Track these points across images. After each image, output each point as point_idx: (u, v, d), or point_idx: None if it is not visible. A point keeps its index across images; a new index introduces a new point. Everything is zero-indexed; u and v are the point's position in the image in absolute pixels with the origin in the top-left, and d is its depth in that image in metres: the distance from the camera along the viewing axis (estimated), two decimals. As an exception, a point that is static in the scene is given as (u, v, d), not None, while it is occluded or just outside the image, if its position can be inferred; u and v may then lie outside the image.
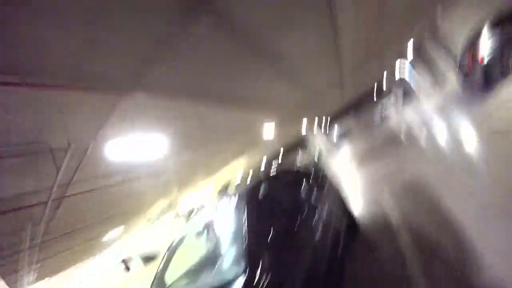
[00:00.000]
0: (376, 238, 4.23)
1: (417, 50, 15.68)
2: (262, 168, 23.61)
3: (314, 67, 8.61)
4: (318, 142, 21.69)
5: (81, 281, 27.42)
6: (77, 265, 19.70)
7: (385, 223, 4.41)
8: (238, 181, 24.11)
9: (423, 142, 7.96)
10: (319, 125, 22.60)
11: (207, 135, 8.11)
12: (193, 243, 3.82)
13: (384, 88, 25.59)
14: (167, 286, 3.04)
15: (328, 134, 28.55)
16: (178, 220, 18.67)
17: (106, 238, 13.50)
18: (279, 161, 24.83)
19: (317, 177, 4.62)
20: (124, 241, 21.41)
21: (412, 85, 20.48)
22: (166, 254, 3.44)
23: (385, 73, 19.68)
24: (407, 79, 20.64)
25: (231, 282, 2.08)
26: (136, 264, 24.93)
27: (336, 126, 31.97)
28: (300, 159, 23.72)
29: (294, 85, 9.05)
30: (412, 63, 18.94)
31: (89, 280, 28.10)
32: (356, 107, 30.12)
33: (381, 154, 10.08)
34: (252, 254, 2.21)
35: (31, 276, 10.02)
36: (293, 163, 21.52)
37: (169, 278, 3.16)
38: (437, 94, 15.99)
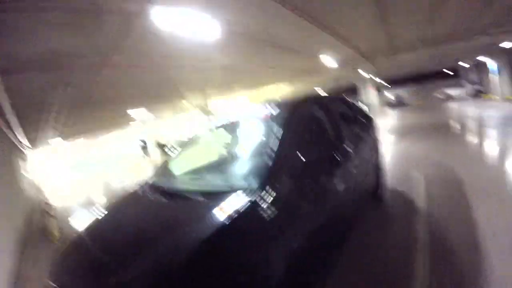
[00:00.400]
0: (396, 214, 3.91)
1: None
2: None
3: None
4: (370, 96, 20.33)
5: (101, 152, 29.33)
6: (101, 136, 20.61)
7: (410, 203, 4.10)
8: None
9: (472, 138, 7.86)
10: (374, 83, 21.03)
11: (268, 42, 7.05)
12: (211, 140, 3.66)
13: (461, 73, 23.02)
14: (171, 175, 2.94)
15: (380, 95, 26.97)
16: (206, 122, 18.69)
17: (134, 117, 13.48)
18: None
19: (366, 121, 4.14)
20: (148, 126, 21.92)
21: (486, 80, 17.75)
22: (179, 145, 3.27)
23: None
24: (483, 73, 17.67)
25: (236, 192, 1.83)
26: (153, 150, 26.07)
27: (390, 92, 30.47)
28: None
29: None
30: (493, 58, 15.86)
31: (108, 152, 29.97)
32: (417, 81, 28.60)
33: (425, 134, 10.03)
34: (274, 174, 1.91)
35: (53, 137, 10.28)
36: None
37: (176, 169, 3.04)
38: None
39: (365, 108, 18.66)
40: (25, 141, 6.86)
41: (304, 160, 2.12)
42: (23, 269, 4.03)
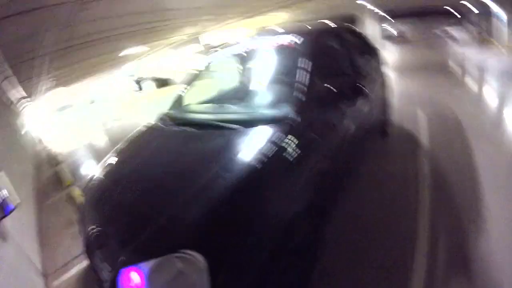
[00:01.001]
0: (400, 148, 4.06)
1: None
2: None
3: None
4: (371, 28, 19.31)
5: (94, 92, 28.74)
6: (93, 77, 19.91)
7: (413, 139, 4.24)
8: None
9: (472, 83, 7.72)
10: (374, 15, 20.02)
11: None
12: (226, 69, 3.64)
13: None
14: (186, 105, 2.93)
15: (380, 27, 25.48)
16: (202, 53, 17.97)
17: (126, 53, 12.90)
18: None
19: (375, 55, 4.02)
20: (142, 61, 21.14)
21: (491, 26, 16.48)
22: (191, 77, 3.10)
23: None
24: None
25: (262, 121, 1.90)
26: (148, 85, 25.49)
27: (391, 25, 28.76)
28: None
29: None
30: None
31: (101, 92, 29.41)
32: (420, 17, 27.71)
33: (426, 72, 9.89)
34: (306, 103, 1.97)
35: (47, 84, 9.82)
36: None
37: (189, 99, 3.02)
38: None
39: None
40: (20, 92, 6.62)
41: (328, 90, 2.17)
42: (44, 219, 4.08)
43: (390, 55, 16.75)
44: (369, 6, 17.19)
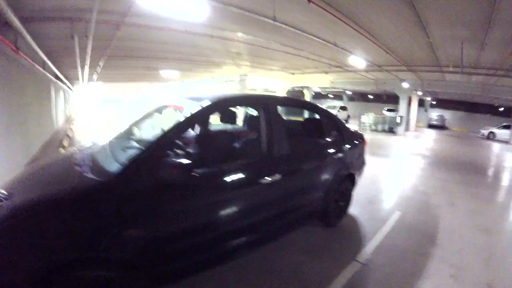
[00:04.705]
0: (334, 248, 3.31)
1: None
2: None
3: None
4: (410, 110, 19.84)
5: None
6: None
7: (362, 239, 3.45)
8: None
9: (493, 190, 6.69)
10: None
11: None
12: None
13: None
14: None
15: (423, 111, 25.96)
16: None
17: (160, 73, 14.78)
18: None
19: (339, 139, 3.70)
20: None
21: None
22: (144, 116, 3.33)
23: None
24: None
25: (104, 173, 1.99)
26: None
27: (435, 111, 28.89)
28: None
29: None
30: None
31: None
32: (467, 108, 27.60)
33: (448, 167, 8.77)
34: (130, 169, 1.89)
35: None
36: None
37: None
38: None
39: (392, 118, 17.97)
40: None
41: (184, 163, 2.00)
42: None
43: (421, 140, 16.59)
44: (411, 87, 17.18)
